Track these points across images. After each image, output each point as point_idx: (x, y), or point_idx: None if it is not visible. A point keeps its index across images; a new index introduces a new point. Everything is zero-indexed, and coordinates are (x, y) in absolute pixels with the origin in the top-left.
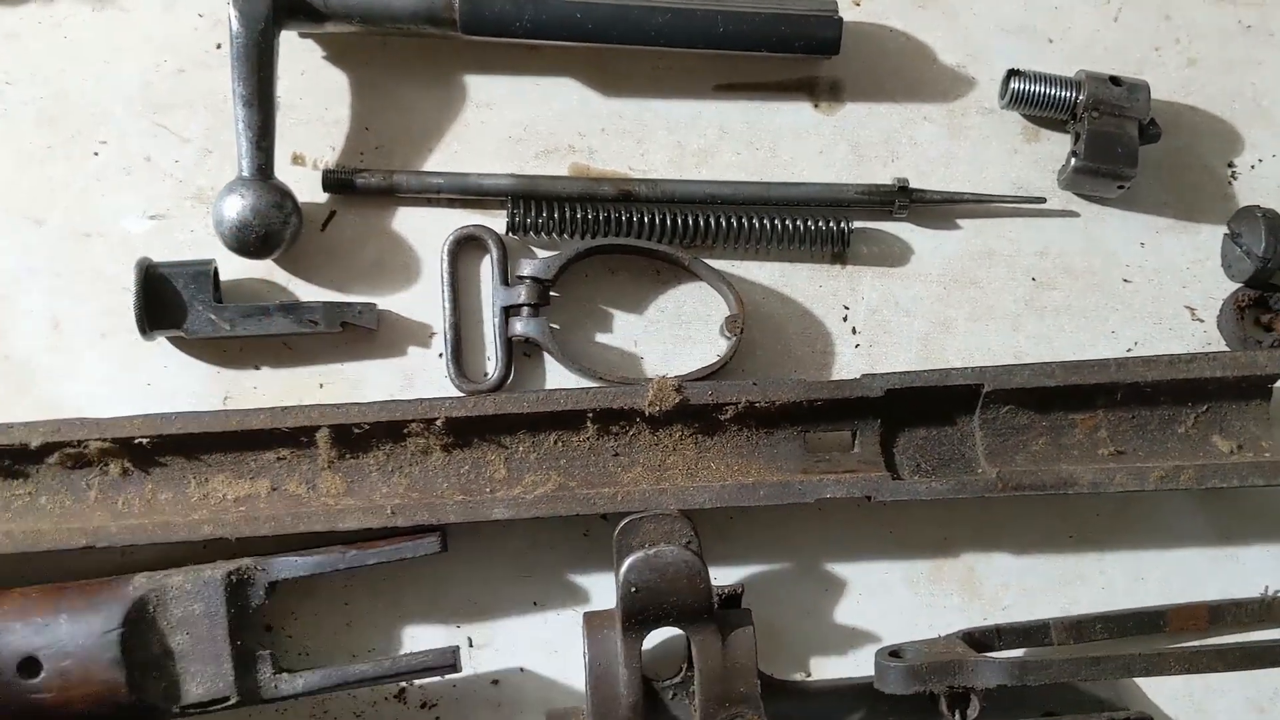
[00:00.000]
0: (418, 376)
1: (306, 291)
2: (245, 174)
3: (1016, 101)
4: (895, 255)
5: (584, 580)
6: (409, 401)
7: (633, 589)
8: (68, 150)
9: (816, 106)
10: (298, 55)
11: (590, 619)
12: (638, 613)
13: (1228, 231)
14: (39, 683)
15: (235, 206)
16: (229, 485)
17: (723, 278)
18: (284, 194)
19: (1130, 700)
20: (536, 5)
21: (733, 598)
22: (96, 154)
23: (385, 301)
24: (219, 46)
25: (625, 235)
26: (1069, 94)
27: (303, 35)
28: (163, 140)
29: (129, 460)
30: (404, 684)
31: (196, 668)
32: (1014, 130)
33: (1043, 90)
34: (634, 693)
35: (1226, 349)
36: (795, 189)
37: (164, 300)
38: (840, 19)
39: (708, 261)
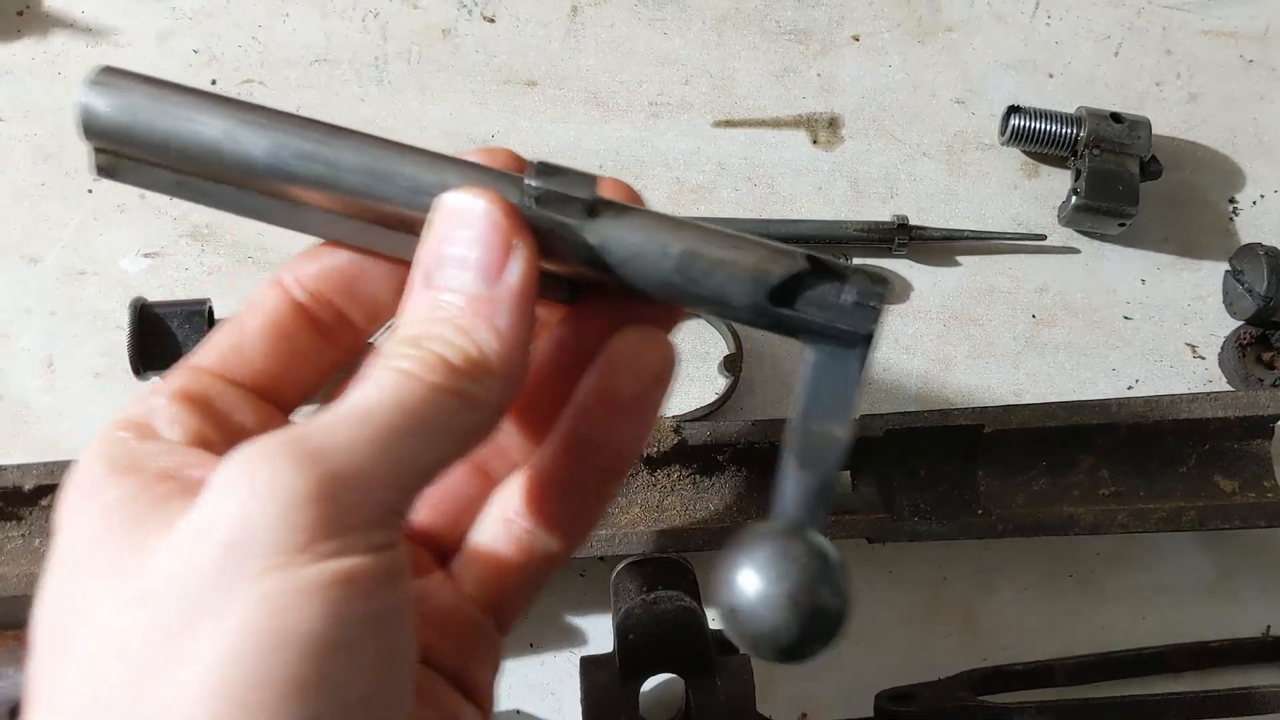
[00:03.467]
0: None
1: None
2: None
3: (1016, 138)
4: (894, 292)
5: (580, 622)
6: None
7: (629, 637)
8: (63, 187)
9: (815, 142)
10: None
11: (587, 664)
12: (635, 660)
13: (1229, 269)
14: None
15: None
16: None
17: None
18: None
19: None
20: None
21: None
22: (90, 191)
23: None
24: (214, 82)
25: None
26: (1069, 130)
27: None
28: None
29: None
30: None
31: None
32: (1014, 166)
33: (1043, 127)
34: None
35: (1228, 387)
36: (794, 226)
37: (158, 341)
38: None
39: None
